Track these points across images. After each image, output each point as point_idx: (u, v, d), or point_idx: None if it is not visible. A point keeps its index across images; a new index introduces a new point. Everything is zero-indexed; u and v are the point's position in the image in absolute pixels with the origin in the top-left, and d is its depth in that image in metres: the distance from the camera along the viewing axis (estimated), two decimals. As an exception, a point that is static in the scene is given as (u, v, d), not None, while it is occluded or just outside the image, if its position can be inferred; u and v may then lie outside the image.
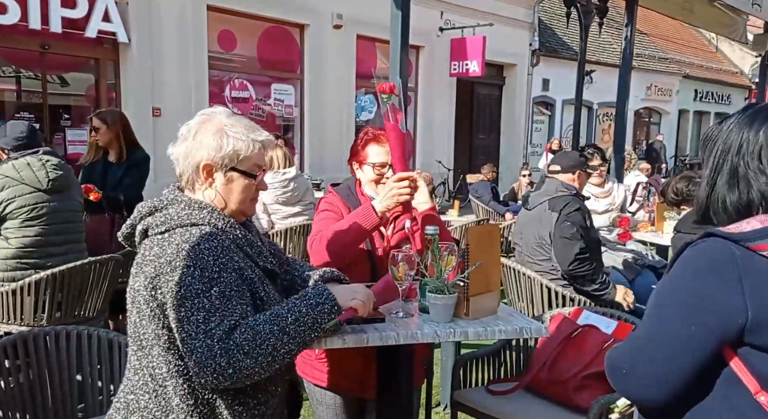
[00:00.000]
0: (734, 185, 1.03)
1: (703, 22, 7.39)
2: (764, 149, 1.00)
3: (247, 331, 1.22)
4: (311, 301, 1.31)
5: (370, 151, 1.90)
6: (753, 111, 1.06)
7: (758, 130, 1.01)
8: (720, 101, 19.64)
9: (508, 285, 3.19)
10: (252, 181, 1.39)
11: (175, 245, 1.26)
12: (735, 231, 0.99)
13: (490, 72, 12.16)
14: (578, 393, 1.87)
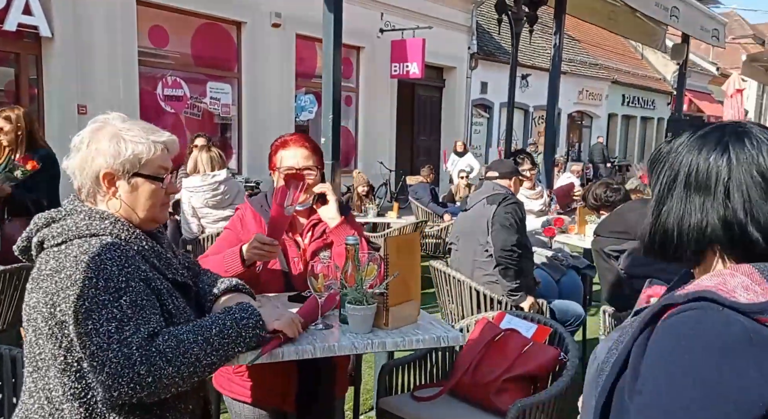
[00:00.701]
0: (688, 213, 0.86)
1: (627, 31, 7.78)
2: (734, 180, 0.83)
3: (170, 339, 1.19)
4: (236, 315, 1.29)
5: (280, 157, 1.89)
6: (710, 131, 0.89)
7: (721, 154, 0.85)
8: (645, 106, 20.72)
9: (439, 288, 3.24)
10: (159, 185, 1.33)
11: (72, 257, 1.19)
12: (730, 295, 0.78)
13: (430, 74, 12.32)
14: (498, 396, 1.92)
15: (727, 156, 0.84)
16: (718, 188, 0.84)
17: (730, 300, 0.77)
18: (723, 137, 0.86)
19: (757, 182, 0.83)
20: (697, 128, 0.93)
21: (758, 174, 0.83)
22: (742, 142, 0.85)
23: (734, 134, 0.86)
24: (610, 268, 2.81)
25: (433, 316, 1.68)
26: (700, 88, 21.90)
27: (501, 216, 3.00)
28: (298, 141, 1.88)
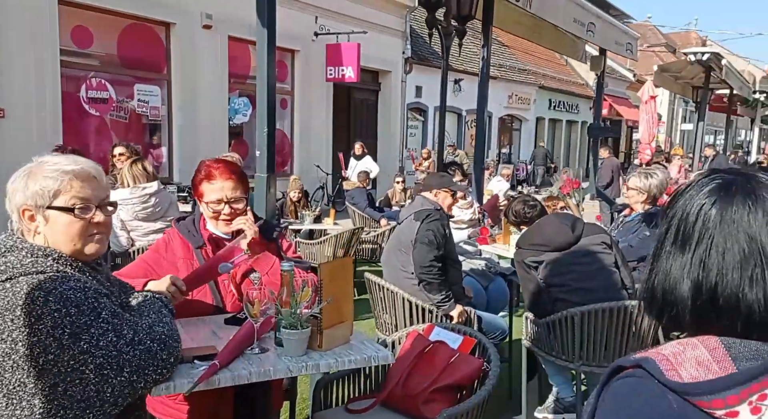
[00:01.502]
0: (671, 273, 0.79)
1: (551, 43, 8.19)
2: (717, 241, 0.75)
3: (163, 325, 1.41)
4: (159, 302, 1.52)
5: (204, 189, 1.91)
6: (716, 180, 0.79)
7: (710, 208, 0.77)
8: (570, 110, 21.78)
9: (373, 298, 3.35)
10: (71, 216, 1.32)
11: (24, 294, 1.20)
12: (672, 370, 0.73)
13: (366, 78, 12.45)
14: (426, 406, 2.05)
15: (717, 212, 0.76)
16: (700, 248, 0.76)
17: (664, 376, 0.73)
18: (721, 191, 0.77)
19: (740, 248, 0.74)
20: (710, 172, 0.82)
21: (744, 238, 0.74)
22: (741, 199, 0.76)
23: (738, 187, 0.77)
24: (531, 278, 3.01)
25: (365, 335, 1.78)
26: (619, 94, 23.24)
27: (422, 234, 3.15)
28: (225, 173, 1.90)
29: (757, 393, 0.69)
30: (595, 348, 2.80)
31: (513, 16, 6.62)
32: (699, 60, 10.37)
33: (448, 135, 16.21)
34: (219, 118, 9.30)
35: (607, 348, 2.80)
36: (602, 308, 2.76)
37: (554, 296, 2.94)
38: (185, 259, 1.93)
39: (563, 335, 2.85)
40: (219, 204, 1.90)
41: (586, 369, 2.84)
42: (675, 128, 28.65)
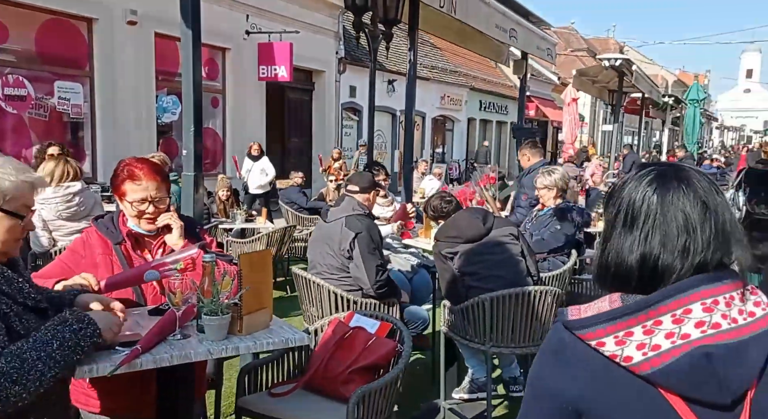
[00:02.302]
0: (623, 250, 0.94)
1: (477, 47, 8.56)
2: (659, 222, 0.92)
3: (13, 360, 1.28)
4: (74, 326, 1.41)
5: (128, 188, 1.97)
6: (652, 171, 0.96)
7: (652, 194, 0.93)
8: (500, 111, 22.61)
9: (301, 292, 3.48)
10: (18, 222, 1.42)
11: None
12: (576, 315, 0.94)
13: (300, 77, 12.49)
14: (345, 386, 2.21)
15: (658, 197, 0.92)
16: (645, 227, 0.92)
17: (566, 318, 0.93)
18: (659, 179, 0.94)
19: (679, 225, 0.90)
20: (642, 166, 1.00)
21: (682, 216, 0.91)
22: (676, 184, 0.93)
23: (672, 176, 0.94)
24: (447, 268, 3.25)
25: (284, 320, 1.92)
26: (545, 96, 24.34)
27: (365, 251, 3.25)
28: (149, 173, 1.97)
29: (623, 330, 0.88)
30: (503, 330, 3.06)
31: (439, 20, 6.88)
32: (612, 65, 11.09)
33: (383, 135, 16.50)
34: (146, 116, 9.10)
35: (514, 330, 3.07)
36: (509, 293, 3.02)
37: (468, 284, 3.19)
38: (104, 255, 1.98)
39: (476, 320, 3.09)
40: (143, 203, 1.97)
41: (495, 350, 3.10)
42: (596, 128, 30.30)
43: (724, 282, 0.89)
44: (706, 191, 0.92)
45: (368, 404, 2.10)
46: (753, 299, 0.90)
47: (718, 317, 0.86)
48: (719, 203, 0.93)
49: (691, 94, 18.52)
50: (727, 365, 0.84)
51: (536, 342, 3.12)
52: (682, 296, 0.87)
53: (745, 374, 0.85)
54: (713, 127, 54.80)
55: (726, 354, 0.85)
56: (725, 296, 0.88)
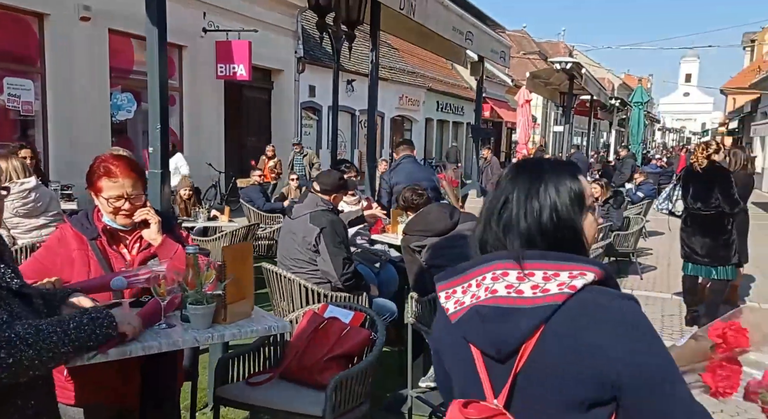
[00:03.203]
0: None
1: (437, 49, 8.74)
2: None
3: (30, 327, 1.31)
4: (92, 314, 1.47)
5: (104, 185, 1.98)
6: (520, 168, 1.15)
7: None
8: (456, 112, 23.02)
9: (271, 288, 3.53)
10: None
11: None
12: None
13: (258, 76, 12.40)
14: (322, 374, 2.29)
15: (498, 185, 1.14)
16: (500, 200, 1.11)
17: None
18: (517, 168, 1.15)
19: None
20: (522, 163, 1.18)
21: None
22: (513, 176, 1.13)
23: (515, 169, 1.15)
24: (415, 261, 3.37)
25: (266, 311, 1.99)
26: (499, 97, 24.93)
27: (330, 245, 3.35)
28: (125, 171, 1.99)
29: (451, 288, 1.11)
30: (469, 320, 3.21)
31: (400, 22, 7.02)
32: (563, 68, 11.51)
33: (342, 134, 16.55)
34: (100, 114, 8.87)
35: (479, 320, 3.22)
36: (474, 285, 3.16)
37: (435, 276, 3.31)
38: (80, 251, 1.99)
39: (443, 310, 3.22)
40: (119, 200, 1.98)
41: (462, 338, 3.24)
42: (548, 129, 31.23)
43: (516, 260, 1.04)
44: (521, 186, 1.10)
45: (345, 390, 2.19)
46: (557, 278, 1.03)
47: (501, 285, 1.03)
48: (517, 198, 1.09)
49: (636, 97, 19.36)
50: (492, 324, 1.02)
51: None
52: (483, 266, 1.07)
53: (510, 335, 1.01)
54: (656, 128, 57.32)
55: (492, 315, 1.02)
56: (519, 272, 1.03)
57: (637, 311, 1.01)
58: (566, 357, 0.99)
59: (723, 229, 4.83)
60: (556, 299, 1.00)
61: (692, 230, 4.99)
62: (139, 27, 4.24)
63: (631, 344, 0.97)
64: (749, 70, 28.57)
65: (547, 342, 1.00)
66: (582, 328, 0.98)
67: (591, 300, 1.00)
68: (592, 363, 0.97)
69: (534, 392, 1.02)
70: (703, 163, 4.80)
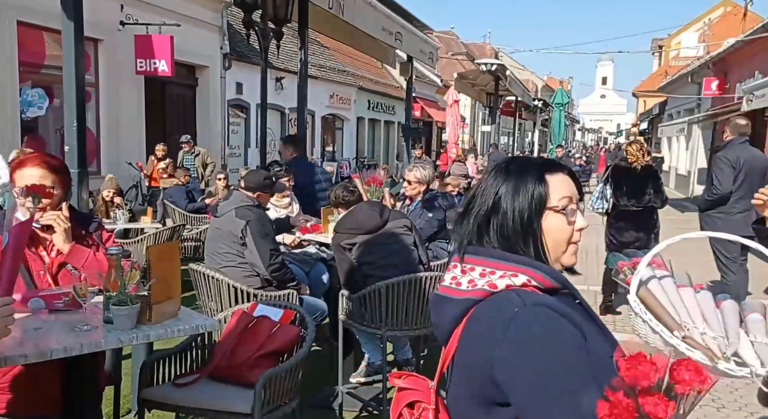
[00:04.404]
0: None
1: (366, 48, 8.83)
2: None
3: None
4: None
5: (16, 176, 1.93)
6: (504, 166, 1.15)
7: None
8: (387, 111, 23.25)
9: (199, 288, 3.47)
10: None
11: None
12: None
13: (182, 72, 12.01)
14: (251, 371, 2.29)
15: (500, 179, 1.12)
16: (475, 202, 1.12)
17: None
18: (499, 167, 1.15)
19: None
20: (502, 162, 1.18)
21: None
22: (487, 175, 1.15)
23: (493, 168, 1.16)
24: (345, 258, 3.41)
25: (191, 310, 1.97)
26: (429, 97, 25.40)
27: (257, 237, 3.37)
28: (35, 160, 1.92)
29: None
30: (398, 314, 3.29)
31: (329, 20, 7.03)
32: (489, 70, 11.96)
33: (272, 132, 16.30)
34: (7, 110, 8.29)
35: (407, 314, 3.31)
36: (403, 280, 3.25)
37: (365, 273, 3.38)
38: None
39: (372, 306, 3.29)
40: None
41: (391, 333, 3.32)
42: (477, 129, 32.17)
43: (469, 254, 1.10)
44: (486, 184, 1.13)
45: (274, 387, 2.20)
46: (492, 276, 1.06)
47: (449, 276, 1.11)
48: (480, 195, 1.13)
49: (557, 98, 20.35)
50: (434, 309, 1.11)
51: (427, 324, 3.38)
52: (454, 256, 1.13)
53: (442, 321, 1.09)
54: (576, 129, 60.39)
55: (435, 301, 1.11)
56: (465, 265, 1.09)
57: (536, 322, 0.97)
58: (467, 350, 1.03)
59: (654, 223, 5.21)
60: (478, 294, 1.04)
61: (624, 226, 5.27)
62: (51, 19, 4.01)
63: (507, 350, 0.96)
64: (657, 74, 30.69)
65: (463, 334, 1.04)
66: (481, 326, 1.01)
67: (502, 300, 1.01)
68: (482, 362, 0.99)
69: (454, 380, 1.07)
70: (643, 162, 5.11)
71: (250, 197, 3.58)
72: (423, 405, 1.10)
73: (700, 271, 5.53)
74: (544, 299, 1.01)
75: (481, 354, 0.99)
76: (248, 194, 3.60)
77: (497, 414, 1.00)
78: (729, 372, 1.36)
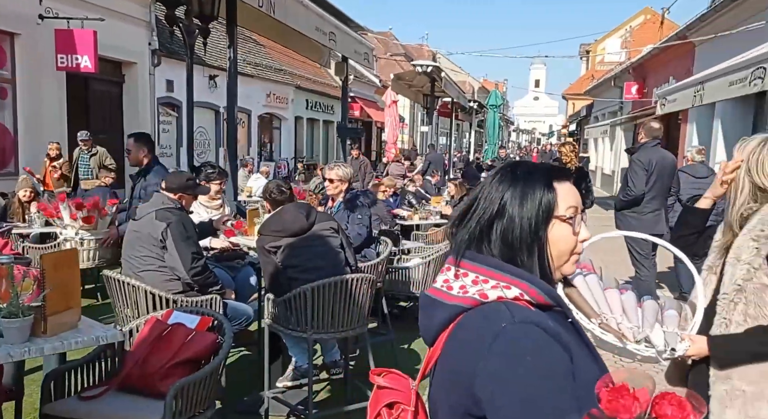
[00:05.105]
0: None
1: (298, 47, 8.76)
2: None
3: None
4: None
5: None
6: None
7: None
8: (326, 111, 23.12)
9: (114, 296, 3.32)
10: None
11: None
12: None
13: (107, 68, 11.47)
14: (163, 381, 2.22)
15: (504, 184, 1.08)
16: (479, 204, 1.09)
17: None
18: (503, 171, 1.12)
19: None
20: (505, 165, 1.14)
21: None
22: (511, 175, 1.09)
23: (511, 170, 1.11)
24: (270, 261, 3.37)
25: (93, 320, 1.89)
26: (368, 97, 25.48)
27: (178, 240, 3.28)
28: None
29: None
30: (324, 317, 3.27)
31: (260, 18, 6.91)
32: (425, 71, 12.09)
33: (206, 132, 15.85)
34: None
35: (334, 317, 3.30)
36: (329, 282, 3.24)
37: (290, 276, 3.34)
38: None
39: (298, 309, 3.25)
40: None
41: (317, 336, 3.29)
42: (416, 129, 32.54)
43: (465, 259, 1.06)
44: (491, 188, 1.09)
45: (187, 396, 2.14)
46: (485, 284, 1.04)
47: (441, 278, 1.07)
48: (483, 199, 1.09)
49: (491, 100, 20.86)
50: (423, 311, 1.09)
51: (354, 326, 3.38)
52: (449, 258, 1.10)
53: (429, 324, 1.06)
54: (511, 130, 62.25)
55: (425, 303, 1.09)
56: (456, 270, 1.06)
57: (525, 339, 0.95)
58: (451, 359, 1.01)
59: None
60: (467, 302, 1.00)
61: None
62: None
63: (492, 366, 0.94)
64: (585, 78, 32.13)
65: (448, 340, 1.02)
66: (469, 336, 0.98)
67: (490, 312, 0.98)
68: (466, 372, 0.96)
69: (438, 384, 1.05)
70: (576, 163, 5.31)
71: (171, 198, 3.48)
72: (402, 406, 1.07)
73: (618, 268, 5.86)
74: (534, 317, 0.98)
75: (467, 363, 0.97)
76: (170, 196, 3.49)
77: None
78: (636, 351, 1.57)
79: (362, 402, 3.36)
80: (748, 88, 5.16)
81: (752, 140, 1.78)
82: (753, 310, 1.65)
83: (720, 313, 1.70)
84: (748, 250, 1.67)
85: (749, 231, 1.69)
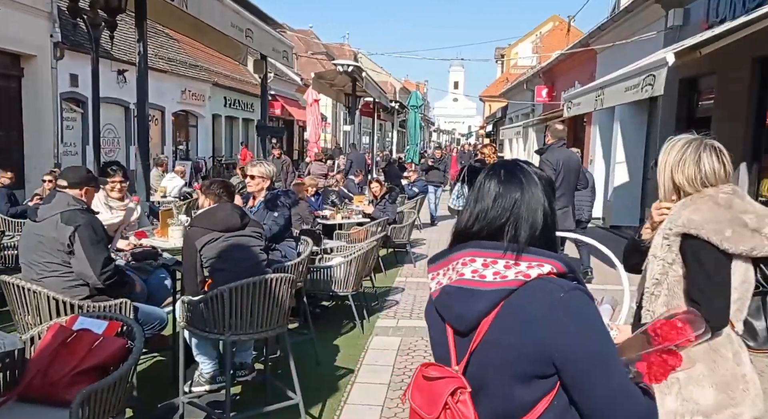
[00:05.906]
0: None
1: (213, 43, 8.51)
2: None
3: None
4: None
5: None
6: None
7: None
8: (246, 109, 22.60)
9: (14, 303, 3.11)
10: None
11: None
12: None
13: (4, 61, 10.64)
14: (68, 389, 2.12)
15: (481, 182, 1.29)
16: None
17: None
18: (494, 170, 1.29)
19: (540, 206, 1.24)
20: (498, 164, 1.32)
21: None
22: (495, 175, 1.28)
23: (497, 170, 1.29)
24: (192, 255, 3.29)
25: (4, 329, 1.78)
26: (290, 95, 25.15)
27: (87, 244, 3.13)
28: None
29: (435, 272, 1.26)
30: (243, 317, 3.23)
31: (172, 12, 6.66)
32: (346, 71, 12.10)
33: (116, 130, 15.03)
34: None
35: (253, 315, 3.26)
36: (247, 282, 3.19)
37: (214, 267, 3.29)
38: None
39: (216, 310, 3.19)
40: None
41: (235, 338, 3.24)
42: (339, 128, 32.52)
43: (486, 249, 1.21)
44: (501, 185, 1.25)
45: (94, 404, 2.05)
46: (518, 267, 1.19)
47: (468, 270, 1.20)
48: (510, 197, 1.24)
49: (412, 101, 21.21)
50: (457, 302, 1.19)
51: (274, 326, 3.36)
52: (458, 253, 1.23)
53: (469, 312, 1.18)
54: (432, 130, 63.66)
55: (457, 294, 1.19)
56: (485, 259, 1.20)
57: (582, 301, 1.16)
58: (513, 334, 1.14)
59: None
60: (512, 284, 1.15)
61: None
62: None
63: (567, 328, 1.12)
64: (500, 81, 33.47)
65: (500, 321, 1.15)
66: (528, 310, 1.14)
67: (540, 287, 1.15)
68: (533, 341, 1.12)
69: (488, 363, 1.17)
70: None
71: (77, 198, 3.28)
72: (460, 389, 1.16)
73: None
74: (573, 285, 1.18)
75: (534, 333, 1.12)
76: (74, 194, 3.29)
77: (536, 386, 1.14)
78: None
79: (282, 402, 3.35)
80: (641, 93, 5.62)
81: (678, 140, 1.96)
82: (675, 301, 1.86)
83: (645, 305, 1.94)
84: (661, 247, 1.88)
85: (662, 230, 1.90)
